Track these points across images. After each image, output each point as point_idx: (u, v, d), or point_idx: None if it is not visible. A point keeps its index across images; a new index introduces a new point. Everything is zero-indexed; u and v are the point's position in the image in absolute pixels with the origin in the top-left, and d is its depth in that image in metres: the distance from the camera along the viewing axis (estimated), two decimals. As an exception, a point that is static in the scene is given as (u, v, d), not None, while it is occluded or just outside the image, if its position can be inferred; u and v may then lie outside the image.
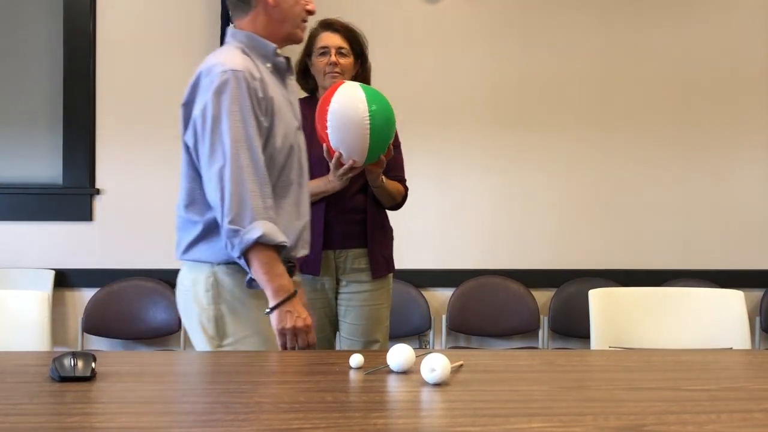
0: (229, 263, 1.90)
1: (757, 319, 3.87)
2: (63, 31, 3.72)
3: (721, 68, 3.94)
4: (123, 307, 3.65)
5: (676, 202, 3.94)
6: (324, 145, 2.40)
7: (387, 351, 1.59)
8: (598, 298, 2.26)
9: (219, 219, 1.83)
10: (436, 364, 1.46)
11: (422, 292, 3.78)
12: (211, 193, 1.84)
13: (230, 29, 2.04)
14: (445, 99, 3.85)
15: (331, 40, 2.63)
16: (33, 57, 3.78)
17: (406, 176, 2.72)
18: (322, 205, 2.55)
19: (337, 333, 2.73)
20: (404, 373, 1.55)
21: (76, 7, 3.70)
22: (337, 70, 2.59)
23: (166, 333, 3.68)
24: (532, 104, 3.87)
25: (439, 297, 3.84)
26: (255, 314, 1.91)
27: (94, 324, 3.64)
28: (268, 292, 1.85)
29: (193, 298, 1.93)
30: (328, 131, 2.36)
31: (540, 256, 3.90)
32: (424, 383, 1.47)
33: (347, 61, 2.62)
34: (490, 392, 1.46)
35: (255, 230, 1.81)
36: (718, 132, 3.94)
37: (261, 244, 1.82)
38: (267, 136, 1.92)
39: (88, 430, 1.20)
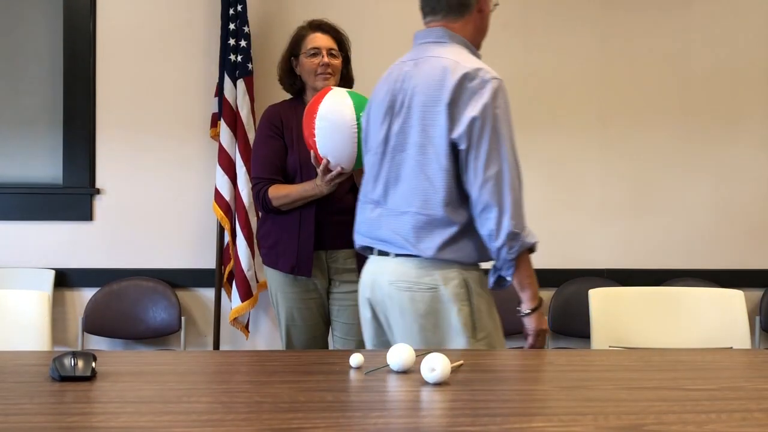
0: (475, 264, 1.99)
1: (757, 318, 3.87)
2: (63, 31, 3.72)
3: (721, 67, 3.94)
4: (123, 307, 3.66)
5: (676, 202, 3.94)
6: (311, 151, 2.40)
7: (386, 351, 1.59)
8: (598, 298, 2.26)
9: (495, 221, 1.89)
10: (436, 364, 1.46)
11: (422, 292, 3.77)
12: (486, 195, 1.89)
13: (442, 29, 2.04)
14: (445, 99, 3.84)
15: (322, 41, 2.64)
16: (33, 57, 3.78)
17: None
18: (312, 206, 2.55)
19: (331, 333, 2.74)
20: (404, 372, 1.55)
21: (76, 7, 3.70)
22: (329, 71, 2.60)
23: (166, 333, 3.68)
24: (531, 104, 3.87)
25: (439, 297, 3.84)
26: (493, 312, 2.03)
27: (94, 324, 3.64)
28: (527, 295, 1.99)
29: (441, 297, 1.95)
30: (316, 138, 2.36)
31: (540, 256, 3.88)
32: (424, 383, 1.47)
33: (337, 62, 2.64)
34: (490, 392, 1.46)
35: (532, 235, 1.95)
36: (718, 131, 3.94)
37: (529, 248, 1.95)
38: None
39: (88, 430, 1.20)
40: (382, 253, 2.04)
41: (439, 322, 1.95)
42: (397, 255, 1.99)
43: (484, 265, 2.06)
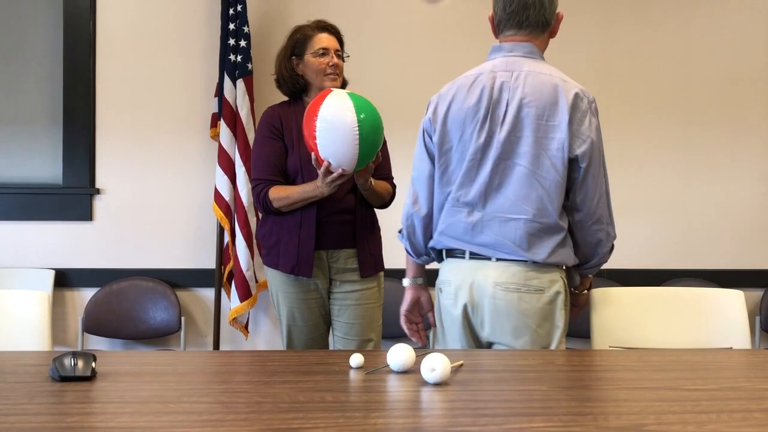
0: (563, 267, 2.10)
1: (757, 319, 3.86)
2: (63, 31, 3.72)
3: (721, 68, 3.94)
4: (123, 307, 3.66)
5: (676, 202, 3.94)
6: (312, 153, 2.40)
7: (386, 351, 1.59)
8: (598, 298, 2.26)
9: (605, 231, 2.09)
10: (436, 364, 1.46)
11: (422, 292, 3.76)
12: (601, 208, 2.07)
13: (531, 45, 2.14)
14: (445, 99, 3.83)
15: (330, 41, 2.65)
16: (33, 57, 3.78)
17: (399, 174, 2.73)
18: (313, 206, 2.55)
19: (331, 333, 2.74)
20: (404, 372, 1.56)
21: (76, 7, 3.70)
22: (337, 71, 2.61)
23: (166, 333, 3.68)
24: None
25: (439, 297, 3.84)
26: None
27: (94, 324, 3.64)
28: (590, 280, 2.25)
29: (546, 299, 2.04)
30: (317, 141, 2.35)
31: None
32: (424, 383, 1.47)
33: (342, 64, 2.65)
34: (490, 392, 1.46)
35: None
36: (718, 132, 3.94)
37: None
38: None
39: (88, 430, 1.20)
40: (474, 256, 2.08)
41: (542, 322, 2.04)
42: (499, 259, 2.05)
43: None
